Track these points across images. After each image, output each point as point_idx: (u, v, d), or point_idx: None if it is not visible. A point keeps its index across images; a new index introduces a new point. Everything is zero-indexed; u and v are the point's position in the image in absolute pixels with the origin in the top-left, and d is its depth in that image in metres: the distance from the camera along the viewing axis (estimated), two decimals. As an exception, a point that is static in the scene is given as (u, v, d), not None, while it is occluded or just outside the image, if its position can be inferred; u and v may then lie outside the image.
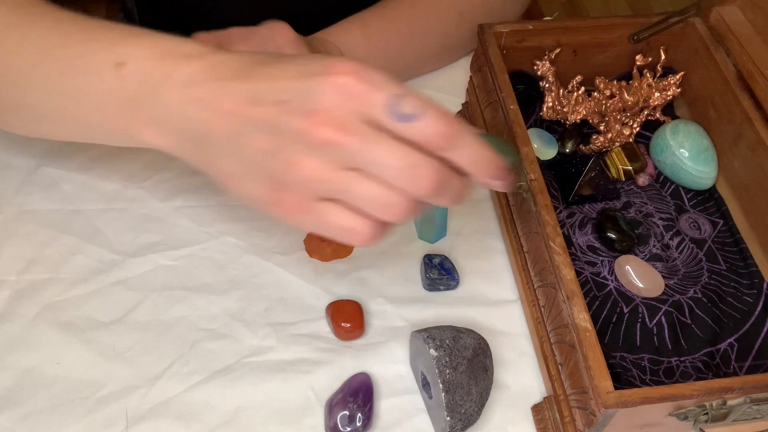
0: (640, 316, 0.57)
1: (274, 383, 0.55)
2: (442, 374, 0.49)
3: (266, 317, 0.59)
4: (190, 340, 0.57)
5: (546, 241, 0.52)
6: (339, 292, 0.60)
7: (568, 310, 0.49)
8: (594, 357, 0.46)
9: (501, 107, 0.61)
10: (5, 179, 0.66)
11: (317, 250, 0.62)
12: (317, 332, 0.58)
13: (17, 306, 0.58)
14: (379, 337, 0.58)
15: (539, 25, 0.67)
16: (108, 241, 0.62)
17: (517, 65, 0.68)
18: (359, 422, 0.52)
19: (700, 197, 0.66)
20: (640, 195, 0.66)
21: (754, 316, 0.58)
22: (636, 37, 0.68)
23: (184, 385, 0.55)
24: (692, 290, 0.59)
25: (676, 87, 0.68)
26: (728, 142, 0.64)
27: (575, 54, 0.69)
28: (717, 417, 0.47)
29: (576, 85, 0.67)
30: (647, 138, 0.69)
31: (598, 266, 0.61)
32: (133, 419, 0.53)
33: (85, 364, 0.55)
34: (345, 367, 0.56)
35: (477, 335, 0.53)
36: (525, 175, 0.56)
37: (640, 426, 0.49)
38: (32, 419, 0.52)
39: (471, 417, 0.50)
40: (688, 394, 0.45)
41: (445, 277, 0.60)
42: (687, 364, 0.55)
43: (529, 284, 0.57)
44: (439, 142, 0.38)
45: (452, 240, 0.64)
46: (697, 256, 0.62)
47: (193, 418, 0.53)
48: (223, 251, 0.62)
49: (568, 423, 0.50)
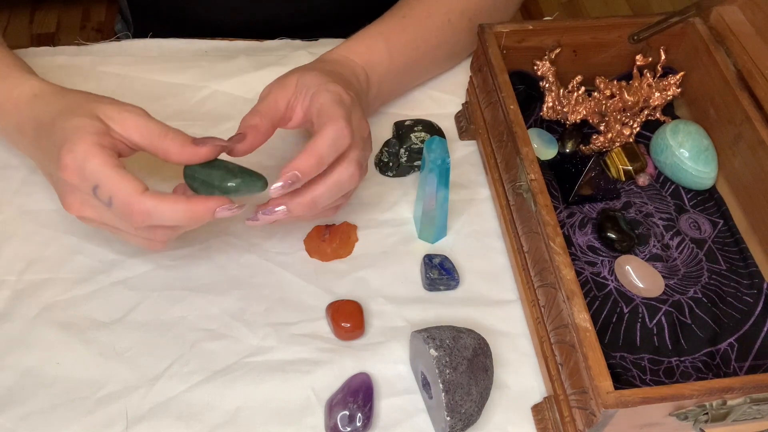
0: (640, 316, 0.57)
1: (274, 383, 0.55)
2: (442, 374, 0.49)
3: (266, 317, 0.59)
4: (190, 340, 0.57)
5: (546, 241, 0.52)
6: (339, 292, 0.60)
7: (568, 310, 0.49)
8: (594, 357, 0.46)
9: (501, 107, 0.61)
10: (5, 179, 0.66)
11: (317, 250, 0.62)
12: (317, 332, 0.58)
13: (17, 306, 0.58)
14: (379, 337, 0.58)
15: (539, 25, 0.67)
16: (108, 241, 0.62)
17: (517, 65, 0.68)
18: (359, 422, 0.52)
19: (700, 197, 0.66)
20: (640, 195, 0.66)
21: (754, 316, 0.58)
22: (636, 37, 0.68)
23: (184, 385, 0.55)
24: (692, 290, 0.59)
25: (676, 87, 0.68)
26: (728, 142, 0.64)
27: (575, 54, 0.69)
28: (717, 417, 0.47)
29: (576, 85, 0.67)
30: (647, 138, 0.69)
31: (598, 266, 0.61)
32: (133, 419, 0.53)
33: (85, 364, 0.55)
34: (345, 367, 0.56)
35: (477, 335, 0.53)
36: (525, 175, 0.56)
37: (640, 426, 0.49)
38: (32, 419, 0.52)
39: (471, 417, 0.50)
40: (688, 394, 0.45)
41: (445, 277, 0.60)
42: (687, 364, 0.55)
43: (529, 284, 0.57)
44: (134, 220, 0.50)
45: (452, 240, 0.64)
46: (697, 256, 0.62)
47: (193, 418, 0.53)
48: (223, 251, 0.62)
49: (568, 423, 0.50)
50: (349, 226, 0.64)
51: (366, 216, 0.65)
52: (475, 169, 0.69)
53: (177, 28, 0.80)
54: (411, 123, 0.69)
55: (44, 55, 0.76)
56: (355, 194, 0.67)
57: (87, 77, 0.74)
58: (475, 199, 0.67)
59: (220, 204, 0.50)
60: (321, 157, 0.52)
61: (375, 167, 0.69)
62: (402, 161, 0.68)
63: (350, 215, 0.65)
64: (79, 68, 0.75)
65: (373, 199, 0.67)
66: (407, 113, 0.73)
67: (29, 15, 2.07)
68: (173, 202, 0.49)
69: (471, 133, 0.71)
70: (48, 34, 2.02)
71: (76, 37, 0.88)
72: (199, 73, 0.75)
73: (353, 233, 0.63)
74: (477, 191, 0.68)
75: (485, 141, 0.67)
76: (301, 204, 0.53)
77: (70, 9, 2.09)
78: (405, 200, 0.67)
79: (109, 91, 0.73)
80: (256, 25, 0.80)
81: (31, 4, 2.09)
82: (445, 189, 0.59)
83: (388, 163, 0.68)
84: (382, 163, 0.68)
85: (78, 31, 2.03)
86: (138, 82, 0.74)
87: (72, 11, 2.09)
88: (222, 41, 0.80)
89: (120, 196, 0.49)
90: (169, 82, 0.74)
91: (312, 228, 0.63)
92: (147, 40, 0.79)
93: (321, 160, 0.52)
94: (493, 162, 0.65)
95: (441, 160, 0.56)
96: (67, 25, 2.06)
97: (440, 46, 0.71)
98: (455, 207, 0.65)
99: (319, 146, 0.52)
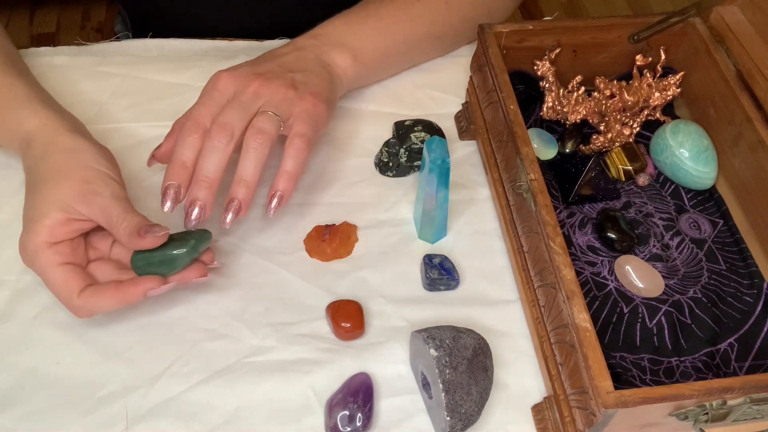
0: (640, 316, 0.57)
1: (274, 383, 0.55)
2: (442, 374, 0.49)
3: (266, 317, 0.59)
4: (190, 340, 0.57)
5: (546, 241, 0.52)
6: (339, 292, 0.60)
7: (568, 310, 0.49)
8: (594, 357, 0.46)
9: (501, 107, 0.61)
10: (5, 179, 0.66)
11: (317, 250, 0.62)
12: (317, 332, 0.58)
13: (17, 306, 0.58)
14: (379, 337, 0.58)
15: (539, 25, 0.67)
16: (108, 241, 0.62)
17: (517, 65, 0.68)
18: (359, 422, 0.52)
19: (700, 197, 0.66)
20: (640, 195, 0.66)
21: (754, 316, 0.58)
22: (636, 37, 0.68)
23: (184, 385, 0.55)
24: (692, 290, 0.59)
25: (676, 87, 0.68)
26: (728, 142, 0.64)
27: (575, 54, 0.69)
28: (717, 417, 0.47)
29: (576, 85, 0.67)
30: (647, 138, 0.69)
31: (598, 266, 0.61)
32: (133, 419, 0.53)
33: (85, 364, 0.55)
34: (345, 367, 0.56)
35: (477, 335, 0.53)
36: (525, 175, 0.56)
37: (640, 426, 0.49)
38: (32, 419, 0.53)
39: (471, 417, 0.50)
40: (688, 394, 0.45)
41: (445, 277, 0.60)
42: (687, 364, 0.55)
43: (529, 284, 0.57)
44: (75, 314, 0.54)
45: (452, 240, 0.64)
46: (697, 256, 0.62)
47: (193, 418, 0.53)
48: (224, 251, 0.62)
49: (568, 423, 0.50)
50: (349, 226, 0.64)
51: (366, 216, 0.65)
52: (475, 169, 0.69)
53: (175, 34, 0.80)
54: (411, 123, 0.69)
55: (44, 55, 0.76)
56: (355, 194, 0.67)
57: (87, 77, 0.74)
58: (475, 199, 0.67)
59: (150, 287, 0.53)
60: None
61: (375, 167, 0.69)
62: (402, 161, 0.68)
63: (350, 215, 0.65)
64: (79, 68, 0.75)
65: (373, 199, 0.67)
66: (407, 113, 0.73)
67: (29, 15, 2.07)
68: (106, 296, 0.53)
69: (471, 133, 0.71)
70: (48, 34, 2.02)
71: (76, 37, 0.89)
72: (199, 73, 0.75)
73: (353, 233, 0.63)
74: (477, 191, 0.68)
75: (485, 141, 0.67)
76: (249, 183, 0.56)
77: (70, 9, 2.10)
78: (405, 200, 0.67)
79: (109, 91, 0.74)
80: (254, 32, 0.81)
81: (31, 4, 2.09)
82: (445, 189, 0.59)
83: (388, 163, 0.68)
84: (382, 163, 0.69)
85: (78, 31, 2.03)
86: (138, 82, 0.74)
87: (72, 11, 2.09)
88: (222, 41, 0.80)
89: (59, 298, 0.54)
90: (169, 82, 0.75)
91: (312, 228, 0.63)
92: (147, 40, 0.79)
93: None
94: (493, 162, 0.65)
95: (441, 160, 0.56)
96: (67, 25, 2.06)
97: (413, 19, 0.72)
98: (455, 207, 0.65)
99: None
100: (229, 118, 0.56)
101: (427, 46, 0.76)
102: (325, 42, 0.67)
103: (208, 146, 0.55)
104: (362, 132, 0.72)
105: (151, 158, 0.61)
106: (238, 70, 0.60)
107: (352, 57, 0.68)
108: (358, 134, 0.72)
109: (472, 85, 0.70)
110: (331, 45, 0.67)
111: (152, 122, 0.71)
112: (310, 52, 0.66)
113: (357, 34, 0.69)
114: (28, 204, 0.56)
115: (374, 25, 0.70)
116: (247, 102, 0.58)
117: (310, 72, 0.63)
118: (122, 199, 0.55)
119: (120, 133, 0.69)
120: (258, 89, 0.59)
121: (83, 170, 0.56)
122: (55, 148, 0.57)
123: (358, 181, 0.68)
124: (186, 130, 0.56)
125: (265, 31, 0.80)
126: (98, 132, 0.63)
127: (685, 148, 0.64)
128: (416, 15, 0.72)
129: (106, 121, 0.71)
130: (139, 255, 0.54)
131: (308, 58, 0.65)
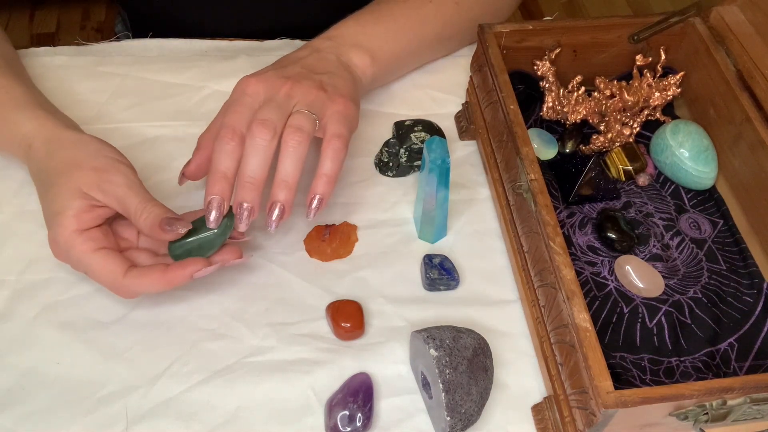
0: (640, 316, 0.57)
1: (274, 383, 0.55)
2: (442, 374, 0.49)
3: (266, 317, 0.59)
4: (190, 340, 0.57)
5: (546, 241, 0.52)
6: (339, 292, 0.60)
7: (568, 310, 0.49)
8: (594, 357, 0.46)
9: (501, 107, 0.61)
10: (5, 179, 0.66)
11: (317, 250, 0.62)
12: (317, 332, 0.58)
13: (17, 306, 0.58)
14: (379, 337, 0.58)
15: (539, 25, 0.67)
16: (108, 241, 0.62)
17: (517, 65, 0.68)
18: (359, 422, 0.52)
19: (700, 197, 0.66)
20: (640, 195, 0.66)
21: (754, 316, 0.58)
22: (636, 37, 0.68)
23: (184, 385, 0.55)
24: (692, 290, 0.59)
25: (676, 87, 0.68)
26: (728, 142, 0.64)
27: (575, 54, 0.69)
28: (717, 417, 0.47)
29: (576, 85, 0.67)
30: (647, 138, 0.69)
31: (598, 266, 0.61)
32: (133, 419, 0.53)
33: (85, 364, 0.55)
34: (345, 367, 0.56)
35: (477, 335, 0.53)
36: (525, 175, 0.56)
37: (640, 426, 0.49)
38: (32, 419, 0.52)
39: (471, 417, 0.50)
40: (688, 394, 0.45)
41: (445, 277, 0.60)
42: (687, 364, 0.55)
43: (529, 284, 0.57)
44: (121, 297, 0.55)
45: (452, 240, 0.64)
46: (697, 256, 0.62)
47: (193, 418, 0.53)
48: (223, 251, 0.62)
49: (568, 423, 0.50)
50: (349, 226, 0.64)
51: (366, 216, 0.65)
52: (475, 169, 0.69)
53: (175, 34, 0.80)
54: (411, 123, 0.69)
55: (44, 55, 0.76)
56: (355, 194, 0.67)
57: (87, 77, 0.74)
58: (475, 199, 0.67)
59: (196, 269, 0.53)
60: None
61: (375, 167, 0.69)
62: (402, 161, 0.68)
63: (350, 215, 0.65)
64: (79, 68, 0.75)
65: (373, 199, 0.67)
66: (407, 113, 0.73)
67: (29, 15, 2.07)
68: (153, 278, 0.53)
69: (471, 133, 0.71)
70: (48, 34, 2.02)
71: (76, 37, 0.89)
72: (199, 73, 0.75)
73: (353, 233, 0.63)
74: (477, 191, 0.68)
75: (485, 141, 0.67)
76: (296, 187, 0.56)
77: (70, 9, 2.10)
78: (405, 200, 0.67)
79: (109, 91, 0.73)
80: (254, 32, 0.81)
81: (31, 4, 2.09)
82: (445, 189, 0.59)
83: (388, 163, 0.68)
84: (382, 163, 0.69)
85: (78, 31, 2.03)
86: (138, 82, 0.74)
87: (72, 11, 2.09)
88: (222, 41, 0.80)
89: (104, 282, 0.54)
90: (169, 82, 0.75)
91: (312, 228, 0.63)
92: (147, 40, 0.79)
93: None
94: (493, 162, 0.65)
95: (441, 160, 0.56)
96: (67, 25, 2.06)
97: (425, 21, 0.72)
98: (455, 207, 0.65)
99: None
100: (269, 115, 0.55)
101: (436, 47, 0.76)
102: (341, 43, 0.67)
103: (251, 144, 0.54)
104: (362, 132, 0.72)
105: (181, 177, 0.60)
106: (266, 74, 0.59)
107: (369, 58, 0.67)
108: (358, 134, 0.72)
109: (472, 85, 0.70)
110: (348, 46, 0.67)
111: (152, 122, 0.71)
112: (329, 53, 0.65)
113: (372, 35, 0.68)
114: (47, 201, 0.56)
115: (388, 26, 0.70)
116: (282, 102, 0.57)
117: (333, 74, 0.62)
118: (137, 186, 0.55)
119: (120, 133, 0.69)
120: (290, 91, 0.58)
121: (93, 159, 0.56)
122: (59, 145, 0.57)
123: (358, 181, 0.68)
124: (222, 139, 0.55)
125: (265, 32, 0.80)
126: (98, 132, 0.63)
127: (685, 148, 0.64)
128: (428, 16, 0.72)
129: (106, 121, 0.71)
130: (175, 244, 0.55)
131: (329, 59, 0.64)
